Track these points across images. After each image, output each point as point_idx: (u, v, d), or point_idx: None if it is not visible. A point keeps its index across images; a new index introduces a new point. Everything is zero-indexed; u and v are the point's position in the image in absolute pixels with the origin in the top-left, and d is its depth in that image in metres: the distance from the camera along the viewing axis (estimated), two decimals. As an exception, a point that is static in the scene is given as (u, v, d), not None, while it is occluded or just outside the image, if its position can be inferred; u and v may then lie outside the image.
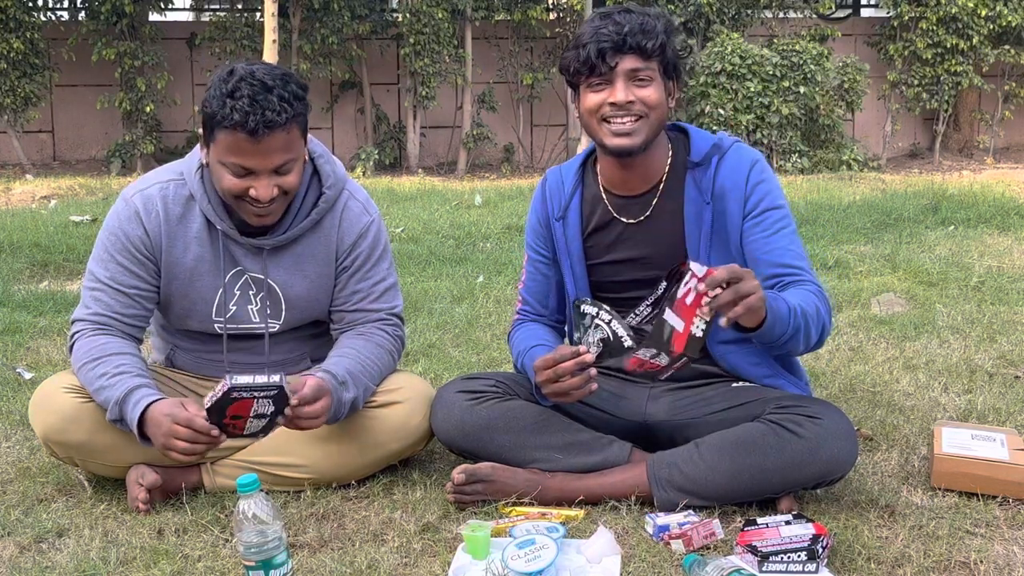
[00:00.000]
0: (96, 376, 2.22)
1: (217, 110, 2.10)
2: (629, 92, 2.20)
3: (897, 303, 4.21)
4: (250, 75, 2.11)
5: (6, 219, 6.41)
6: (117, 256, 2.31)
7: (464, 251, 5.58)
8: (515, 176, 10.57)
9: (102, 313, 2.30)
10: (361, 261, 2.41)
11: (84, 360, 2.25)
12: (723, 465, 2.15)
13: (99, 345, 2.26)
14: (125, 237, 2.31)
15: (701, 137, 2.35)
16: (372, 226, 2.42)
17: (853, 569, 1.93)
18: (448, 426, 2.33)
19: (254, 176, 2.16)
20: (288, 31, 10.45)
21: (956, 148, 12.05)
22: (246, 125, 2.08)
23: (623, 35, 2.18)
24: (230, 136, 2.11)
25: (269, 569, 1.83)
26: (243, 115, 2.07)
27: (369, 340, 2.38)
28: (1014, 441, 2.37)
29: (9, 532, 2.16)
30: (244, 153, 2.13)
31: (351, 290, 2.41)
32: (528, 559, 1.89)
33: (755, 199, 2.27)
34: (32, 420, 2.31)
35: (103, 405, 2.21)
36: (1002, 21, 10.73)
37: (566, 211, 2.42)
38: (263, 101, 2.08)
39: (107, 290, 2.31)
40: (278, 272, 2.36)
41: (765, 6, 11.14)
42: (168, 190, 2.32)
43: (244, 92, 2.08)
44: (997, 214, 6.41)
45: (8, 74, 9.89)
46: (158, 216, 2.30)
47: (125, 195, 2.35)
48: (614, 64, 2.19)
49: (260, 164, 2.14)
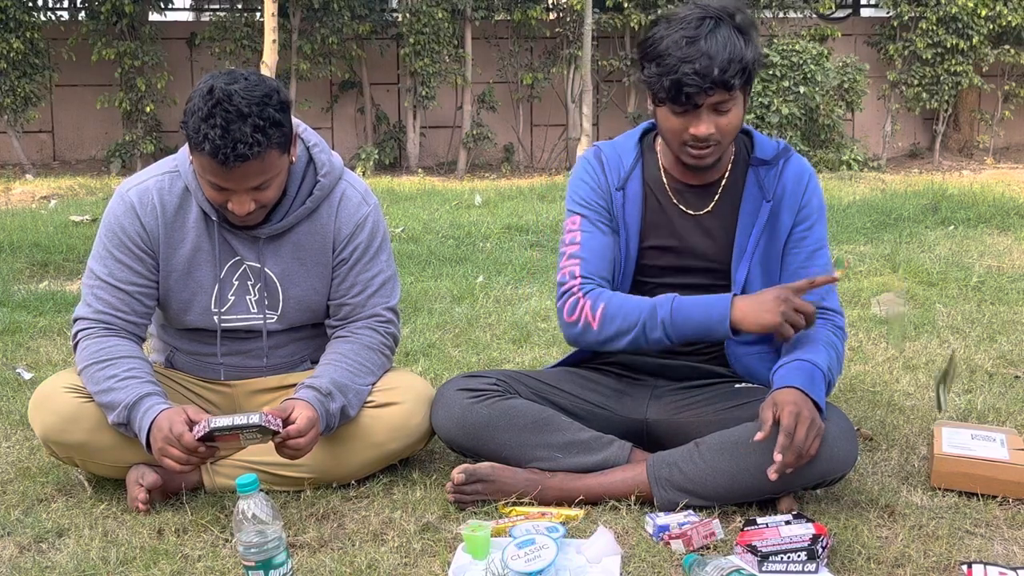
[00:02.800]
0: (104, 377, 2.21)
1: (192, 133, 2.10)
2: (711, 124, 2.18)
3: (897, 303, 4.21)
4: (227, 99, 2.06)
5: (6, 219, 6.41)
6: (116, 252, 2.31)
7: (464, 251, 5.58)
8: (515, 176, 10.56)
9: (104, 311, 2.30)
10: (360, 253, 2.40)
11: (91, 360, 2.24)
12: (723, 465, 2.15)
13: (108, 347, 2.26)
14: (123, 232, 2.30)
15: (765, 139, 2.39)
16: (370, 216, 2.41)
17: (853, 569, 1.93)
18: (449, 424, 2.33)
19: (231, 192, 2.17)
20: (288, 31, 10.45)
21: (956, 148, 12.05)
22: (216, 156, 2.07)
23: (711, 76, 2.10)
24: (204, 159, 2.11)
25: (269, 569, 1.83)
26: (214, 147, 2.06)
27: (357, 343, 2.37)
28: (1014, 441, 2.37)
29: (9, 532, 2.16)
30: (218, 175, 2.13)
31: (350, 282, 2.40)
32: (528, 559, 1.89)
33: (807, 211, 2.33)
34: (32, 420, 2.30)
35: (108, 407, 2.21)
36: (1002, 21, 10.72)
37: (625, 183, 2.38)
38: (236, 132, 2.05)
39: (107, 287, 2.31)
40: (275, 261, 2.36)
41: (765, 6, 11.13)
42: (164, 183, 2.32)
43: (218, 121, 2.05)
44: (997, 214, 6.41)
45: (8, 74, 9.88)
46: (155, 209, 2.30)
47: (121, 191, 2.35)
48: (700, 102, 2.15)
49: (235, 186, 2.15)
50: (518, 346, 3.64)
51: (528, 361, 3.41)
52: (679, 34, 2.14)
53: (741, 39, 2.15)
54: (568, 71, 11.03)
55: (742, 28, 2.16)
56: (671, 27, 2.17)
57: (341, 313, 2.42)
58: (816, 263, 2.33)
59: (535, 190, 8.02)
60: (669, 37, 2.16)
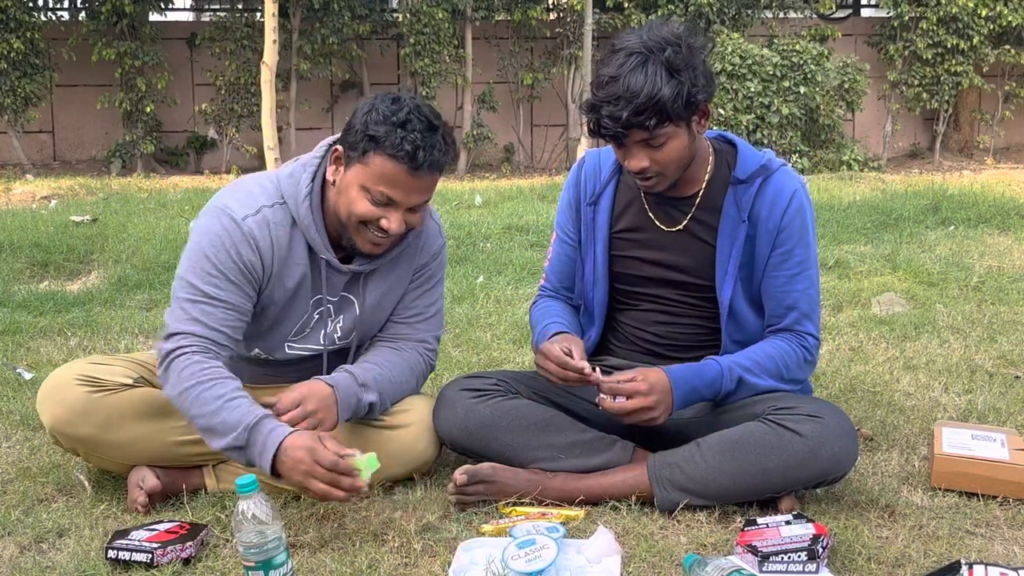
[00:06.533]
0: (214, 397, 2.08)
1: (385, 136, 2.08)
2: (642, 158, 2.18)
3: (897, 303, 4.21)
4: (417, 109, 2.10)
5: (6, 219, 6.41)
6: (229, 274, 2.17)
7: (464, 251, 5.58)
8: (515, 176, 10.56)
9: (213, 327, 2.15)
10: (426, 280, 2.42)
11: (194, 381, 2.09)
12: (724, 465, 2.15)
13: (211, 367, 2.11)
14: (239, 258, 2.17)
15: (749, 154, 2.33)
16: (443, 248, 2.47)
17: (853, 569, 1.93)
18: (451, 424, 2.33)
19: (392, 208, 2.14)
20: (288, 31, 10.44)
21: (956, 148, 12.04)
22: (415, 159, 2.07)
23: (621, 120, 2.10)
24: (389, 164, 2.09)
25: (269, 569, 1.83)
26: (414, 148, 2.06)
27: (403, 358, 2.37)
28: (1014, 441, 2.37)
29: (9, 532, 2.16)
30: (396, 184, 2.11)
31: (408, 306, 2.41)
32: (528, 559, 1.89)
33: (785, 235, 2.28)
34: (40, 409, 2.25)
35: (215, 428, 2.07)
36: (1002, 21, 10.72)
37: (599, 198, 2.41)
38: (431, 139, 2.09)
39: (215, 304, 2.16)
40: (373, 296, 2.35)
41: (765, 6, 11.13)
42: (277, 216, 2.22)
43: (416, 126, 2.07)
44: (997, 214, 6.41)
45: (8, 74, 9.87)
46: (271, 244, 2.21)
47: (234, 215, 2.19)
48: (623, 139, 2.16)
49: (405, 198, 2.13)
50: (518, 346, 3.64)
51: (528, 361, 3.41)
52: (606, 70, 2.14)
53: (663, 78, 2.09)
54: (568, 71, 11.02)
55: (671, 64, 2.10)
56: (606, 60, 2.17)
57: (391, 331, 2.42)
58: (796, 287, 2.30)
59: (535, 190, 8.01)
60: (601, 71, 2.17)
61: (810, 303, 2.32)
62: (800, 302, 2.30)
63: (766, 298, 2.32)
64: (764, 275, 2.30)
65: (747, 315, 2.33)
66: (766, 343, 2.32)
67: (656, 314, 2.41)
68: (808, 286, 2.31)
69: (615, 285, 2.43)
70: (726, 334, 2.33)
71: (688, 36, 2.16)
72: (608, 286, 2.42)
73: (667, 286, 2.37)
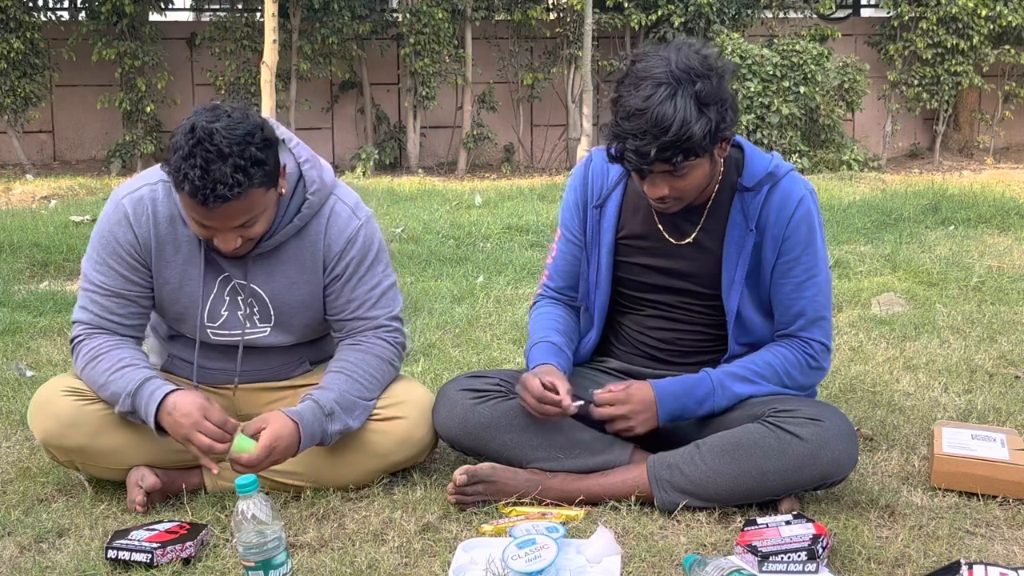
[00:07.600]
0: (100, 372, 2.22)
1: (173, 171, 2.06)
2: (664, 187, 2.14)
3: (897, 303, 4.21)
4: (208, 137, 2.01)
5: (6, 219, 6.41)
6: (109, 260, 2.28)
7: (464, 251, 5.58)
8: (515, 176, 10.56)
9: (100, 315, 2.29)
10: (353, 268, 2.35)
11: (87, 360, 2.25)
12: (724, 467, 2.15)
13: (100, 343, 2.26)
14: (115, 241, 2.27)
15: (757, 158, 2.29)
16: (360, 231, 2.35)
17: (853, 569, 1.93)
18: (451, 424, 2.33)
19: (216, 229, 2.14)
20: (288, 31, 10.44)
21: (956, 148, 12.04)
22: (195, 197, 2.03)
23: (649, 157, 2.04)
24: (185, 197, 2.08)
25: (269, 569, 1.83)
26: (193, 188, 2.02)
27: (367, 352, 2.35)
28: (1014, 441, 2.37)
29: (9, 532, 2.16)
30: (200, 215, 2.10)
31: (346, 298, 2.36)
32: (528, 559, 1.89)
33: (791, 242, 2.26)
34: (32, 425, 2.30)
35: (111, 400, 2.21)
36: (1002, 21, 10.71)
37: (606, 200, 2.38)
38: (216, 172, 2.00)
39: (101, 292, 2.29)
40: (264, 279, 2.32)
41: (765, 6, 11.13)
42: (158, 192, 2.27)
43: (198, 161, 2.00)
44: (997, 214, 6.41)
45: (8, 74, 9.87)
46: (148, 220, 2.26)
47: (116, 196, 2.31)
48: (646, 172, 2.12)
49: (218, 225, 2.12)
50: (518, 346, 3.63)
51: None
52: (632, 101, 2.05)
53: (693, 114, 2.02)
54: (568, 71, 11.02)
55: (701, 98, 2.03)
56: (634, 87, 2.07)
57: (345, 329, 2.39)
58: (803, 295, 2.28)
59: (535, 190, 8.02)
60: (626, 99, 2.07)
61: (817, 310, 2.30)
62: (807, 309, 2.29)
63: (775, 304, 2.31)
64: (772, 282, 2.29)
65: (755, 320, 2.32)
66: (767, 350, 2.31)
67: (659, 319, 2.40)
68: (816, 293, 2.29)
69: (618, 289, 2.41)
70: (733, 338, 2.33)
71: (717, 61, 2.09)
72: (611, 290, 2.41)
73: (672, 293, 2.36)
